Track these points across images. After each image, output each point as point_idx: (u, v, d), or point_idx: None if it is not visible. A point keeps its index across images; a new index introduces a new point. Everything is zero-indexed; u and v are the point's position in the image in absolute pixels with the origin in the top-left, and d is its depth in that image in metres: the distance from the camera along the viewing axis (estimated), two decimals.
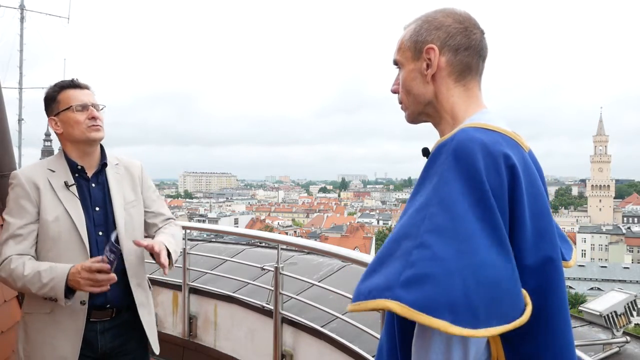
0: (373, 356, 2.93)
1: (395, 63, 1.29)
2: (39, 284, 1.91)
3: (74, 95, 2.07)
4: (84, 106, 2.06)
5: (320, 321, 3.41)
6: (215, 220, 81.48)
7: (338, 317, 3.27)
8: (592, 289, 58.41)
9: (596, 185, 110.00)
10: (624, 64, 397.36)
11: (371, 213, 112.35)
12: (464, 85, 1.22)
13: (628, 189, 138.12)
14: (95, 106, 2.09)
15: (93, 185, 2.11)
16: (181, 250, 2.21)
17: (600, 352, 3.29)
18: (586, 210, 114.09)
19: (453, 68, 1.21)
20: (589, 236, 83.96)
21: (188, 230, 4.49)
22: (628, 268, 66.67)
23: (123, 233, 2.07)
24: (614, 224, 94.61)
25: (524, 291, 1.03)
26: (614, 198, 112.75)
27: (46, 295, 1.94)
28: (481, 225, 0.99)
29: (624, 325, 3.43)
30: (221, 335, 4.20)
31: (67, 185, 2.05)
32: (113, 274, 1.90)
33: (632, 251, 78.87)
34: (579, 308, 3.86)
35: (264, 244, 5.31)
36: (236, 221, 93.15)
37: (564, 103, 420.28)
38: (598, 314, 3.47)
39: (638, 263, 72.87)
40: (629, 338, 3.40)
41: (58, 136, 2.11)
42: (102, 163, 2.14)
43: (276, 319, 3.56)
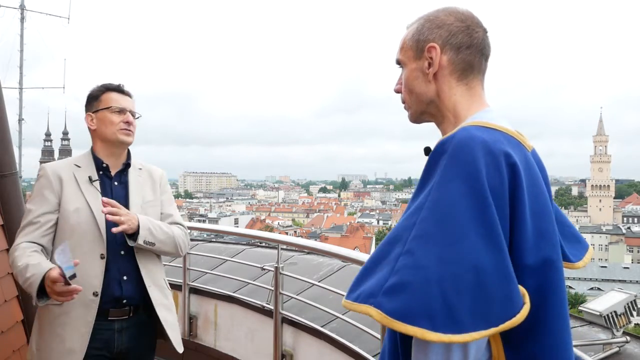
0: (373, 356, 2.93)
1: (398, 63, 1.29)
2: (23, 278, 1.96)
3: (116, 99, 2.20)
4: (122, 110, 2.19)
5: (320, 321, 3.41)
6: (215, 220, 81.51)
7: (338, 317, 3.27)
8: (592, 289, 58.43)
9: (596, 185, 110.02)
10: (624, 64, 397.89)
11: (371, 213, 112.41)
12: (466, 84, 1.21)
13: (628, 189, 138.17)
14: (132, 113, 2.23)
15: (115, 183, 2.21)
16: (166, 245, 2.21)
17: (600, 352, 3.28)
18: (586, 210, 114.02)
19: (455, 67, 1.20)
20: (589, 236, 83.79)
21: (188, 230, 4.49)
22: (628, 268, 66.71)
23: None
24: (614, 224, 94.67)
25: (523, 290, 1.01)
26: (614, 198, 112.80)
27: (27, 291, 1.99)
28: (475, 226, 0.98)
29: (624, 325, 3.43)
30: (221, 335, 4.20)
31: (91, 180, 2.15)
32: (74, 285, 1.83)
33: (632, 251, 78.95)
34: (579, 308, 3.85)
35: (264, 244, 5.31)
36: (236, 221, 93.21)
37: (564, 103, 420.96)
38: (598, 314, 3.47)
39: (638, 263, 72.94)
40: (629, 338, 3.40)
41: (91, 132, 2.23)
42: (126, 163, 2.25)
43: (276, 319, 3.56)
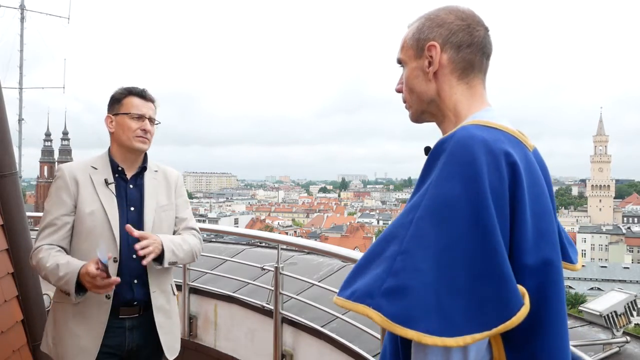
0: (373, 356, 2.93)
1: (399, 62, 1.28)
2: (56, 277, 2.01)
3: (137, 104, 2.21)
4: (141, 117, 2.20)
5: (320, 321, 3.41)
6: (215, 220, 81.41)
7: (338, 317, 3.28)
8: (592, 289, 58.41)
9: (596, 185, 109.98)
10: (625, 65, 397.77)
11: (371, 213, 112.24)
12: (467, 83, 1.21)
13: (628, 189, 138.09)
14: (152, 120, 2.24)
15: (131, 186, 2.23)
16: (186, 259, 2.28)
17: (600, 352, 3.28)
18: (586, 210, 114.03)
19: (455, 65, 1.19)
20: (589, 236, 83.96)
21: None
22: (628, 268, 66.69)
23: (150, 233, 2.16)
24: (614, 224, 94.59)
25: (523, 290, 1.00)
26: (614, 198, 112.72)
27: (62, 289, 2.04)
28: (471, 228, 0.97)
29: (624, 325, 3.43)
30: (221, 335, 4.20)
31: (107, 183, 2.17)
32: (114, 277, 1.96)
33: (632, 251, 78.90)
34: (579, 308, 3.86)
35: (264, 244, 5.32)
36: (236, 221, 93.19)
37: (565, 103, 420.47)
38: (598, 314, 3.47)
39: (638, 263, 72.90)
40: (629, 338, 3.40)
41: (109, 134, 2.25)
42: (142, 167, 2.26)
43: (276, 319, 3.56)
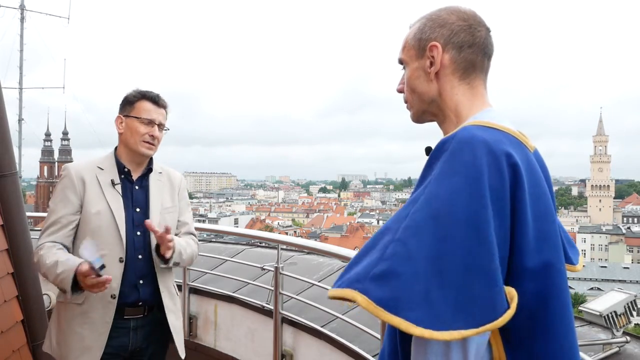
0: (373, 356, 2.93)
1: (401, 62, 1.28)
2: (54, 274, 2.00)
3: (148, 109, 2.21)
4: (151, 122, 2.20)
5: (320, 321, 3.41)
6: (215, 220, 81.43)
7: (338, 317, 3.27)
8: (592, 289, 58.39)
9: (596, 185, 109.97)
10: (625, 65, 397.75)
11: (371, 213, 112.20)
12: (468, 84, 1.20)
13: (628, 189, 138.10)
14: (161, 126, 2.24)
15: (136, 187, 2.24)
16: (186, 262, 2.32)
17: (600, 352, 3.28)
18: (586, 210, 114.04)
19: (457, 66, 1.19)
20: (589, 236, 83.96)
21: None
22: (628, 268, 66.68)
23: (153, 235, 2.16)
24: (614, 224, 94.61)
25: (512, 293, 0.98)
26: (614, 198, 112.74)
27: (59, 286, 2.03)
28: (467, 226, 0.96)
29: (623, 325, 3.43)
30: (221, 335, 4.20)
31: (113, 184, 2.17)
32: (105, 276, 1.93)
33: (632, 251, 78.93)
34: (579, 308, 3.85)
35: (264, 244, 5.31)
36: (236, 221, 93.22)
37: (565, 104, 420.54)
38: (598, 314, 3.47)
39: (638, 263, 72.91)
40: (629, 338, 3.40)
41: (118, 135, 2.25)
42: (148, 169, 2.27)
43: (276, 319, 3.56)
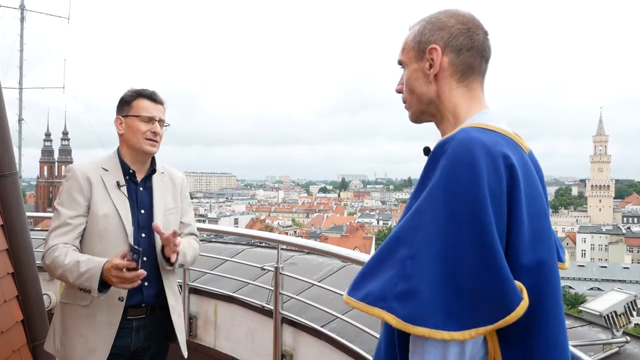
0: (373, 356, 2.93)
1: (400, 63, 1.31)
2: (77, 274, 1.99)
3: (146, 107, 2.20)
4: (151, 119, 2.19)
5: (320, 321, 3.41)
6: (215, 220, 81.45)
7: (338, 317, 3.27)
8: (592, 289, 58.44)
9: (596, 185, 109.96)
10: (625, 65, 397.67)
11: (371, 213, 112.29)
12: (466, 86, 1.23)
13: (628, 189, 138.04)
14: (161, 122, 2.23)
15: (141, 189, 2.23)
16: (189, 263, 2.35)
17: (600, 352, 3.28)
18: (586, 210, 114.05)
19: (455, 68, 1.22)
20: (588, 236, 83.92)
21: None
22: (628, 268, 66.63)
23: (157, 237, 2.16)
24: (614, 224, 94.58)
25: (520, 286, 1.04)
26: (614, 198, 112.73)
27: (82, 286, 2.01)
28: (472, 229, 1.01)
29: (623, 325, 3.43)
30: (221, 335, 4.20)
31: (119, 185, 2.16)
32: (141, 270, 1.96)
33: (632, 251, 78.88)
34: (579, 308, 3.86)
35: (264, 244, 5.31)
36: (236, 221, 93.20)
37: (565, 104, 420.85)
38: (598, 314, 3.47)
39: (638, 263, 72.84)
40: (628, 338, 3.40)
41: (119, 136, 2.24)
42: (152, 169, 2.27)
43: (276, 319, 3.56)
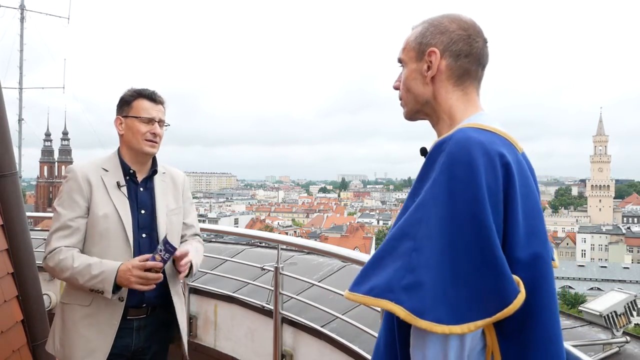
0: (372, 353, 2.93)
1: (400, 61, 1.34)
2: (89, 276, 2.00)
3: (146, 107, 2.19)
4: (150, 120, 2.18)
5: (320, 321, 3.41)
6: (215, 220, 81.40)
7: (338, 317, 3.27)
8: (592, 289, 58.42)
9: (596, 185, 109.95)
10: (625, 65, 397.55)
11: (371, 213, 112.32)
12: (462, 90, 1.27)
13: (628, 189, 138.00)
14: (161, 123, 2.22)
15: (141, 189, 2.23)
16: (200, 263, 2.40)
17: (600, 352, 3.28)
18: (586, 210, 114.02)
19: (452, 72, 1.26)
20: (588, 236, 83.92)
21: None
22: (628, 268, 66.62)
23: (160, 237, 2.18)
24: (614, 224, 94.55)
25: (517, 280, 1.08)
26: (614, 198, 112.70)
27: (94, 288, 2.02)
28: (471, 224, 1.05)
29: (624, 325, 3.43)
30: (221, 335, 4.20)
31: (119, 186, 2.16)
32: (161, 274, 1.99)
33: (632, 251, 78.85)
34: (579, 308, 3.85)
35: (264, 244, 5.31)
36: (236, 221, 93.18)
37: (565, 104, 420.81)
38: (598, 314, 3.46)
39: (638, 263, 72.83)
40: (629, 338, 3.40)
41: (119, 136, 2.24)
42: (153, 170, 2.27)
43: (276, 319, 3.56)
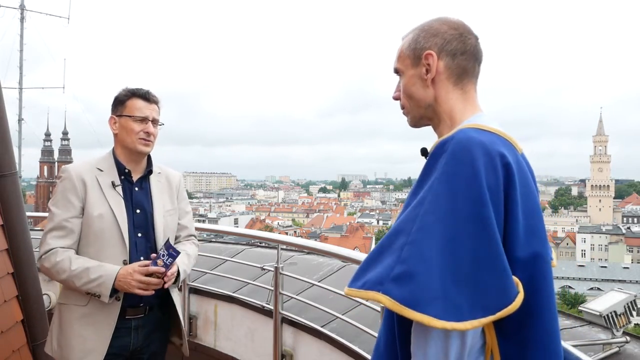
0: (372, 353, 2.93)
1: (396, 71, 1.36)
2: (86, 279, 2.00)
3: (140, 106, 2.19)
4: (144, 119, 2.18)
5: (320, 321, 3.41)
6: (215, 220, 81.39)
7: (338, 317, 3.27)
8: (592, 289, 58.39)
9: (596, 185, 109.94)
10: (625, 65, 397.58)
11: (371, 213, 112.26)
12: (461, 89, 1.29)
13: (628, 189, 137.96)
14: (155, 122, 2.22)
15: (136, 189, 2.22)
16: (190, 268, 2.39)
17: (600, 352, 3.28)
18: (586, 210, 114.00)
19: (451, 72, 1.27)
20: (588, 236, 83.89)
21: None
22: (628, 268, 66.58)
23: (161, 238, 2.19)
24: (614, 224, 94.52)
25: (516, 280, 1.08)
26: (614, 198, 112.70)
27: (90, 291, 2.02)
28: (473, 222, 1.06)
29: (623, 325, 3.43)
30: (221, 335, 4.20)
31: (114, 185, 2.15)
32: (162, 279, 2.00)
33: (632, 251, 78.83)
34: (579, 308, 3.85)
35: (264, 244, 5.31)
36: (236, 221, 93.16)
37: (565, 104, 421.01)
38: (598, 314, 3.46)
39: (638, 263, 72.81)
40: (628, 338, 3.40)
41: (113, 135, 2.23)
42: (148, 170, 2.26)
43: (276, 319, 3.56)
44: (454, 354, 1.05)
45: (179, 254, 2.00)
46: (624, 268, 66.45)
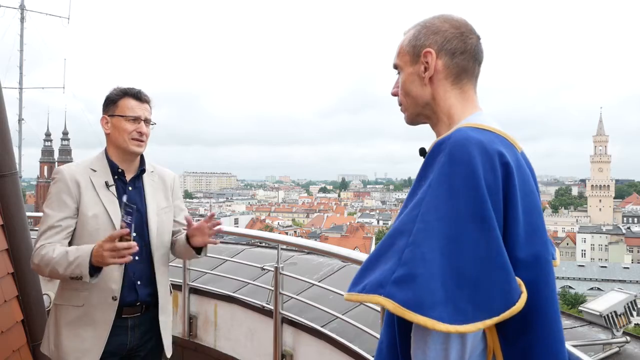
0: (373, 356, 2.93)
1: (395, 67, 1.34)
2: (66, 264, 1.99)
3: (132, 106, 2.19)
4: (136, 119, 2.18)
5: (320, 321, 3.41)
6: None
7: (338, 317, 3.27)
8: (592, 289, 58.40)
9: (596, 185, 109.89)
10: (625, 65, 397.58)
11: (371, 213, 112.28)
12: (460, 88, 1.27)
13: (628, 189, 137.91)
14: (147, 121, 2.22)
15: (130, 188, 2.23)
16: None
17: (600, 352, 3.28)
18: (586, 210, 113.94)
19: (450, 71, 1.26)
20: (589, 236, 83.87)
21: None
22: (628, 268, 66.58)
23: (155, 236, 2.21)
24: (614, 224, 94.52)
25: (519, 281, 1.07)
26: (614, 198, 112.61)
27: (73, 274, 2.01)
28: (473, 222, 1.04)
29: (623, 325, 3.43)
30: (221, 335, 4.20)
31: (108, 185, 2.16)
32: (133, 241, 1.95)
33: (632, 251, 78.82)
34: (579, 308, 3.86)
35: (264, 244, 5.31)
36: (236, 221, 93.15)
37: (565, 104, 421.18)
38: (598, 314, 3.47)
39: (638, 263, 72.78)
40: (628, 338, 3.40)
41: (105, 135, 2.23)
42: (141, 169, 2.26)
43: (276, 319, 3.56)
44: (454, 357, 1.04)
45: (134, 208, 1.94)
46: (624, 268, 66.44)
